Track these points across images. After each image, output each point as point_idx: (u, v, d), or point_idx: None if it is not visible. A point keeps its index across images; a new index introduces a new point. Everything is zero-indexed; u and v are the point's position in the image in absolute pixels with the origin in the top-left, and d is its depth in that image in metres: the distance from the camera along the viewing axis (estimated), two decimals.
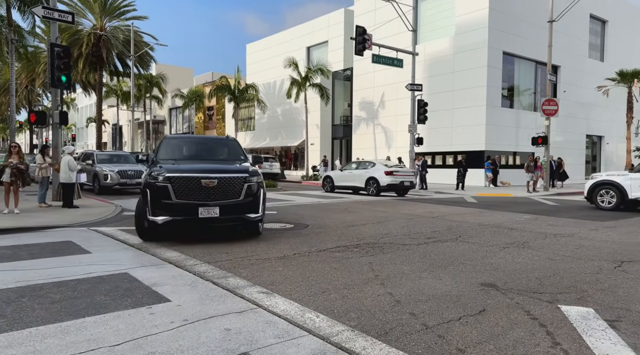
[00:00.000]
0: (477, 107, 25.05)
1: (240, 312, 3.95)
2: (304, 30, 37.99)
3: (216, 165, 7.46)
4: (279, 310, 4.00)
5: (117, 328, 3.54)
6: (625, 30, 34.34)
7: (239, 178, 7.03)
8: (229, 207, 6.91)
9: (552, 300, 4.45)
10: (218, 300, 4.26)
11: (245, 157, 8.57)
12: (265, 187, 7.65)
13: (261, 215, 7.30)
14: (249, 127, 43.28)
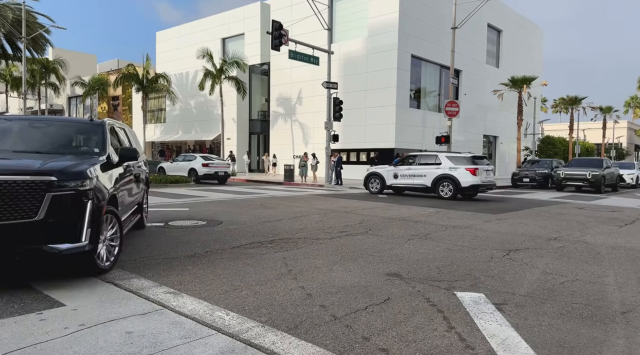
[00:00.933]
0: (388, 107, 26.25)
1: (144, 314, 3.76)
2: (220, 20, 36.95)
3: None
4: (187, 310, 3.88)
5: (0, 338, 3.18)
6: (517, 39, 38.12)
7: (33, 184, 4.19)
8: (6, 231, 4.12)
9: (449, 287, 4.82)
10: (120, 303, 4.01)
11: (104, 152, 5.61)
12: (118, 199, 5.50)
13: (86, 246, 4.43)
14: (159, 119, 41.16)
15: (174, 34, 40.89)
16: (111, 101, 47.92)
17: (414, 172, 16.70)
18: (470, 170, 15.56)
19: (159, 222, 8.82)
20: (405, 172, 16.87)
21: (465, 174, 15.52)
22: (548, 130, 59.92)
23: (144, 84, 34.37)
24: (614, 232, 8.89)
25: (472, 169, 15.57)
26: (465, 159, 16.03)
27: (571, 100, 44.65)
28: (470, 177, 15.45)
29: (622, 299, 4.54)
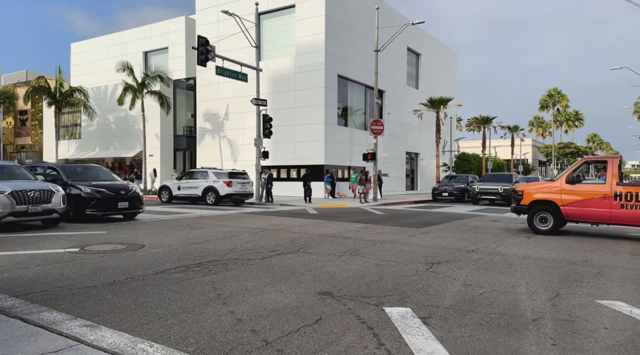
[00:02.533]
0: (317, 125, 26.70)
1: (57, 351, 3.43)
2: (142, 34, 35.57)
3: None
4: (106, 344, 3.59)
5: None
6: (434, 62, 40.76)
7: None
8: None
9: (378, 303, 4.94)
10: (28, 340, 3.62)
11: None
12: None
13: None
14: (73, 135, 38.36)
15: (91, 46, 38.68)
16: (18, 116, 43.98)
17: (191, 184, 20.93)
18: (226, 183, 20.03)
19: (74, 247, 8.16)
20: (185, 184, 21.12)
21: (222, 185, 20.00)
22: (463, 147, 64.35)
23: (57, 98, 31.96)
24: (523, 243, 9.67)
25: (227, 182, 20.07)
26: (225, 174, 20.53)
27: (483, 119, 48.40)
28: (226, 188, 19.95)
29: (532, 307, 4.92)
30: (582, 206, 10.88)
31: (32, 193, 10.33)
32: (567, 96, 71.01)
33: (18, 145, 44.42)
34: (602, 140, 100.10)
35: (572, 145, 76.74)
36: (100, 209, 12.48)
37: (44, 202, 10.54)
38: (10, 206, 9.92)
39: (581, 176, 11.63)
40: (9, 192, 9.94)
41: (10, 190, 9.96)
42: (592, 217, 10.92)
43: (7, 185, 10.12)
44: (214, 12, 29.45)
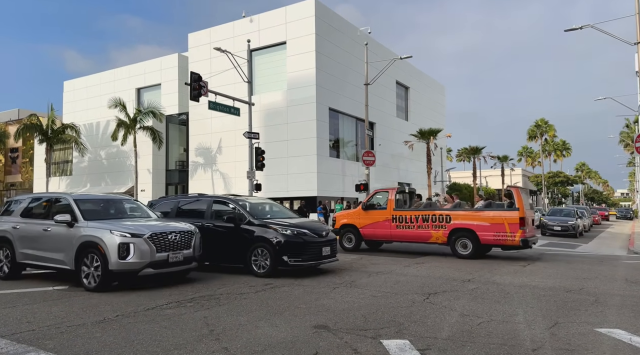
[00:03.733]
0: (309, 156, 26.87)
1: None
2: (135, 71, 36.08)
3: None
4: None
5: None
6: (422, 95, 41.65)
7: None
8: None
9: (375, 335, 4.84)
10: None
11: None
12: None
13: None
14: (64, 172, 38.13)
15: (84, 83, 39.08)
16: (9, 153, 43.79)
17: None
18: None
19: (62, 285, 7.97)
20: None
21: None
22: (455, 177, 64.84)
23: (48, 135, 31.95)
24: (519, 272, 9.62)
25: None
26: None
27: (473, 150, 49.02)
28: None
29: (532, 337, 4.85)
30: (373, 228, 13.75)
31: (172, 236, 7.77)
32: (554, 126, 72.33)
33: (8, 183, 44.01)
34: (591, 169, 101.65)
35: (562, 174, 77.66)
36: (306, 258, 8.90)
37: (184, 248, 7.93)
38: (150, 254, 7.35)
39: (375, 204, 14.14)
40: (149, 236, 7.43)
41: (149, 232, 7.47)
42: (380, 236, 13.75)
43: (144, 227, 7.69)
44: (207, 49, 30.07)
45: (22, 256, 8.44)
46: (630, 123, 59.34)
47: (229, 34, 29.75)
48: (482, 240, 11.99)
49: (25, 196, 9.48)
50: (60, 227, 7.86)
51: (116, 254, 7.18)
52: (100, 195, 10.20)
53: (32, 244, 8.29)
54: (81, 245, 7.50)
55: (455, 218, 12.53)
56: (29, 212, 8.87)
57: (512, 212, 11.81)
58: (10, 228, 8.68)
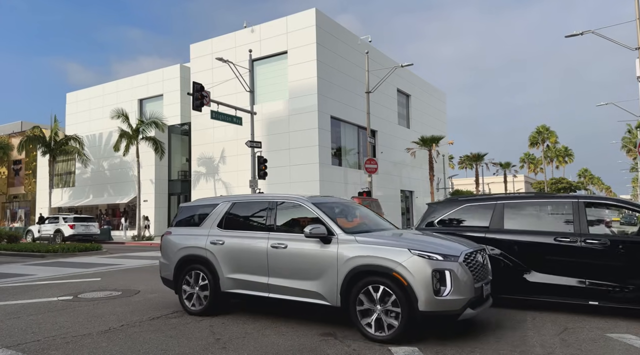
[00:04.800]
0: (311, 165, 26.90)
1: None
2: (137, 82, 36.33)
3: None
4: None
5: None
6: (424, 103, 41.77)
7: None
8: None
9: (383, 343, 4.79)
10: None
11: None
12: None
13: None
14: (67, 183, 38.23)
15: (87, 94, 39.35)
16: (12, 165, 43.97)
17: (47, 228, 25.33)
18: (70, 226, 24.57)
19: (67, 295, 7.94)
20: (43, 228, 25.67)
21: (67, 228, 24.55)
22: (457, 184, 64.79)
23: (51, 147, 32.09)
24: None
25: (71, 225, 24.69)
26: (70, 219, 25.27)
27: (475, 157, 49.01)
28: (70, 230, 24.30)
29: (542, 342, 4.78)
30: None
31: (480, 256, 5.38)
32: (556, 132, 72.33)
33: (11, 195, 44.11)
34: (593, 175, 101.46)
35: (564, 181, 77.54)
36: None
37: (488, 274, 5.50)
38: (470, 286, 4.88)
39: None
40: (464, 257, 5.03)
41: (464, 251, 5.11)
42: None
43: (458, 245, 5.31)
44: (208, 60, 30.28)
45: (230, 284, 5.95)
46: (632, 128, 59.31)
47: (231, 44, 29.97)
48: None
49: (214, 200, 6.85)
50: (306, 243, 5.47)
51: (429, 287, 4.69)
52: (330, 197, 6.85)
53: (248, 267, 5.82)
54: (354, 272, 5.06)
55: None
56: (237, 221, 6.29)
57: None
58: (209, 244, 6.22)
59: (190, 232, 6.61)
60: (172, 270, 6.53)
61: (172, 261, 6.55)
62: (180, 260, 6.46)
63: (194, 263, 6.33)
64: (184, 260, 6.43)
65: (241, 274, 5.89)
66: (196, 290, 6.22)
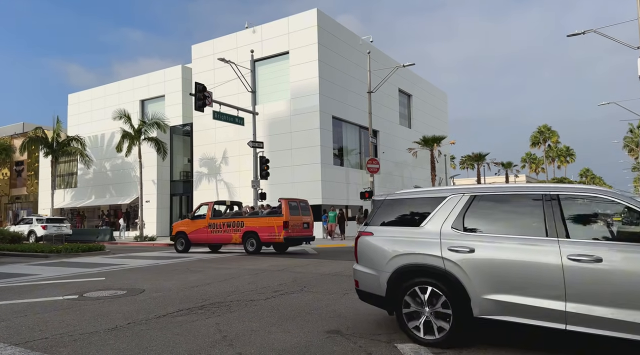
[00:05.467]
0: (313, 165, 26.93)
1: None
2: (139, 83, 36.41)
3: None
4: None
5: None
6: (425, 102, 41.78)
7: None
8: None
9: (389, 340, 4.81)
10: None
11: None
12: None
13: None
14: (69, 184, 38.33)
15: (89, 95, 39.45)
16: (14, 167, 44.05)
17: (21, 228, 26.12)
18: (42, 226, 25.99)
19: (73, 294, 7.97)
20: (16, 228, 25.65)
21: (40, 228, 26.05)
22: (459, 184, 64.77)
23: (53, 148, 32.17)
24: None
25: (43, 226, 26.03)
26: (42, 220, 26.99)
27: (476, 156, 49.05)
28: (42, 230, 25.77)
29: None
30: (197, 233, 17.37)
31: None
32: (557, 132, 72.22)
33: (13, 196, 44.20)
34: (595, 174, 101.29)
35: (566, 181, 77.41)
36: None
37: None
38: None
39: (201, 214, 17.55)
40: None
41: None
42: (201, 240, 17.41)
43: None
44: (210, 61, 30.33)
45: (490, 307, 4.28)
46: (634, 128, 59.20)
47: (232, 44, 30.03)
48: (262, 239, 16.02)
49: (437, 192, 5.15)
50: None
51: None
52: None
53: (525, 285, 4.14)
54: None
55: (246, 223, 16.54)
56: (488, 222, 4.64)
57: (279, 218, 15.80)
58: (447, 251, 4.55)
59: (406, 234, 4.94)
60: (382, 284, 4.90)
61: (383, 271, 4.91)
62: (398, 272, 4.77)
63: (421, 276, 4.65)
64: (403, 272, 4.75)
65: (512, 296, 4.18)
66: (426, 313, 4.56)
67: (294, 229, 16.04)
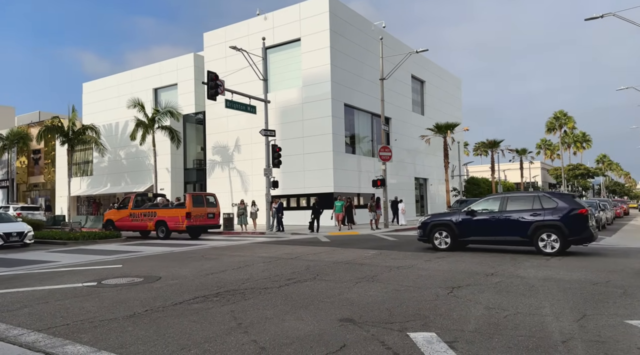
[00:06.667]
0: (325, 153, 26.92)
1: None
2: (151, 71, 36.56)
3: None
4: None
5: None
6: (438, 89, 41.26)
7: None
8: None
9: (402, 328, 4.87)
10: None
11: None
12: None
13: None
14: (85, 172, 38.95)
15: (102, 84, 39.76)
16: (32, 155, 44.83)
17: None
18: (17, 214, 25.60)
19: (91, 281, 8.18)
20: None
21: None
22: (472, 171, 64.17)
23: (69, 136, 32.66)
24: (542, 265, 9.51)
25: (18, 213, 26.47)
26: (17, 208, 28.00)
27: (490, 143, 48.40)
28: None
29: (560, 329, 4.82)
30: (122, 221, 20.39)
31: None
32: (574, 118, 70.77)
33: (31, 184, 45.10)
34: (612, 160, 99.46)
35: (582, 167, 76.19)
36: None
37: None
38: None
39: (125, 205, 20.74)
40: None
41: None
42: (125, 227, 20.27)
43: None
44: (222, 48, 30.30)
45: None
46: None
47: (244, 32, 29.92)
48: (170, 227, 18.84)
49: None
50: None
51: None
52: None
53: None
54: None
55: (158, 214, 19.36)
56: None
57: (183, 209, 18.64)
58: None
59: None
60: None
61: None
62: None
63: None
64: None
65: None
66: None
67: (197, 219, 18.88)
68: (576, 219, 10.85)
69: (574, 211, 10.92)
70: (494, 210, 11.88)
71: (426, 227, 12.93)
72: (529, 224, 11.18)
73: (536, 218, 11.13)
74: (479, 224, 11.95)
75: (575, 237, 10.94)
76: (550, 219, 10.97)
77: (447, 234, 12.39)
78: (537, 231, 11.10)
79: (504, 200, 11.85)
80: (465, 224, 12.15)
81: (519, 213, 11.40)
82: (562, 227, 10.84)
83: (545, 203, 11.27)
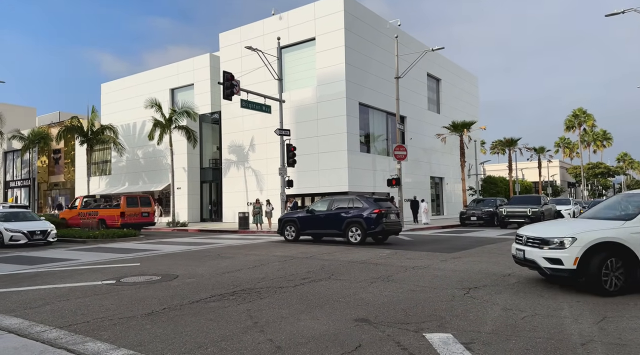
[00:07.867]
0: (340, 152, 26.90)
1: None
2: (168, 72, 37.00)
3: None
4: None
5: None
6: (454, 87, 40.87)
7: None
8: None
9: (418, 329, 4.85)
10: None
11: None
12: None
13: None
14: (104, 171, 39.66)
15: (120, 85, 40.39)
16: (52, 155, 45.80)
17: None
18: None
19: (110, 279, 8.33)
20: None
21: None
22: (489, 170, 63.39)
23: (88, 136, 33.26)
24: None
25: None
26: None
27: (508, 141, 47.78)
28: None
29: (579, 331, 4.74)
30: (72, 220, 22.95)
31: None
32: (593, 116, 69.35)
33: (52, 183, 46.08)
34: (633, 159, 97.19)
35: (602, 166, 74.69)
36: None
37: None
38: None
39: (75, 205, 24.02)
40: None
41: None
42: (75, 225, 22.25)
43: None
44: (237, 49, 30.50)
45: None
46: None
47: (259, 32, 30.07)
48: (108, 224, 21.42)
49: None
50: None
51: None
52: None
53: None
54: None
55: (100, 213, 22.48)
56: None
57: (118, 209, 21.80)
58: None
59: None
60: None
61: None
62: None
63: None
64: None
65: None
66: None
67: (131, 217, 21.87)
68: (372, 217, 14.03)
69: (371, 211, 14.10)
70: (323, 210, 15.25)
71: (280, 223, 16.17)
72: (343, 220, 14.57)
73: (347, 216, 14.54)
74: (313, 220, 15.36)
75: (371, 231, 14.10)
76: (356, 216, 14.33)
77: (294, 229, 15.70)
78: (348, 226, 14.45)
79: (332, 202, 15.36)
80: (304, 220, 15.50)
81: (338, 212, 14.81)
82: (362, 223, 14.17)
83: (356, 204, 14.64)
